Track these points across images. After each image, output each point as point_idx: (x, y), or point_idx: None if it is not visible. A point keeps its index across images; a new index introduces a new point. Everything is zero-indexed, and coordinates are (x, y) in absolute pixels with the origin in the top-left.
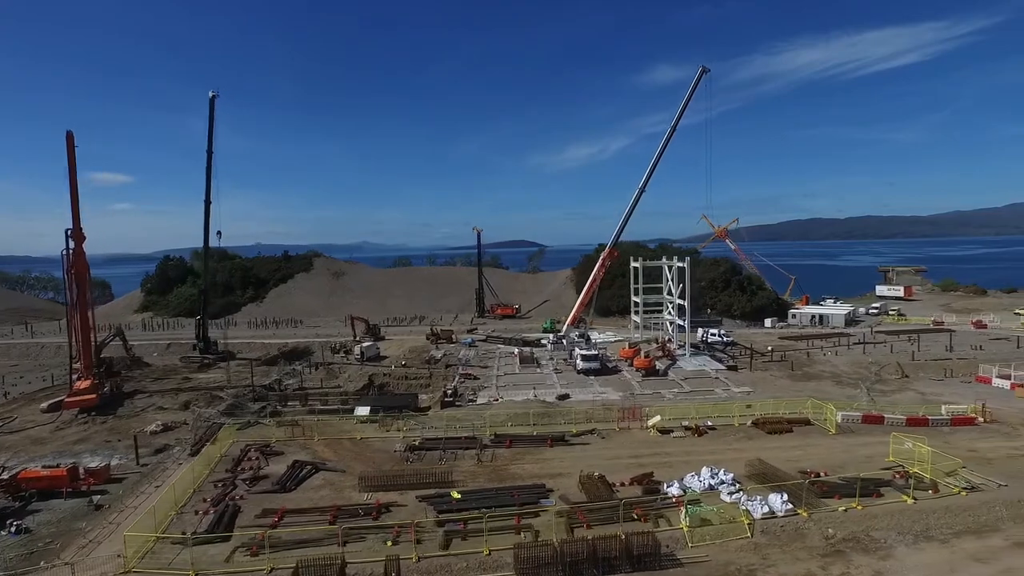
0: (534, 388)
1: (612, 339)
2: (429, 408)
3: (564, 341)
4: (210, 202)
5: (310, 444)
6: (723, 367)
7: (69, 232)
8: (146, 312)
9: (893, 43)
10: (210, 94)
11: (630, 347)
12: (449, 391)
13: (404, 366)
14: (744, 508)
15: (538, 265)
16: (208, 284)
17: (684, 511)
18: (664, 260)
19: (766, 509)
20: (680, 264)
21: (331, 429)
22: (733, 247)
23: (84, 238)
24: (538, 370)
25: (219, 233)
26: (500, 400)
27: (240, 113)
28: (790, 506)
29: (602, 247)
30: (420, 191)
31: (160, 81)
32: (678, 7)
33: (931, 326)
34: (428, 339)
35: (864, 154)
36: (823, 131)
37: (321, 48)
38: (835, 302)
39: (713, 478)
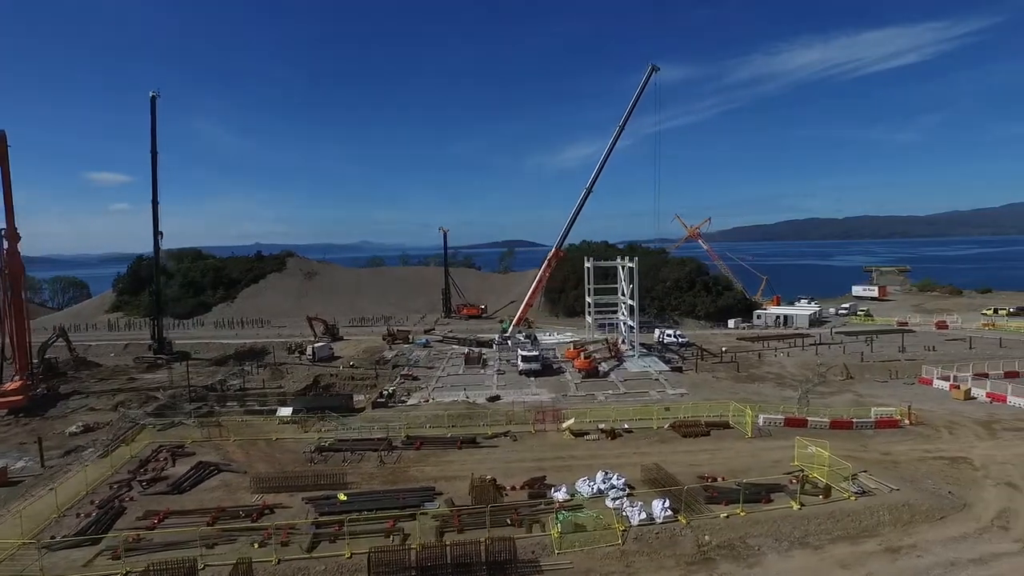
0: (465, 389)
1: (567, 340)
2: (363, 409)
3: (510, 342)
4: (157, 203)
5: (225, 445)
6: (668, 369)
7: (3, 232)
8: (117, 312)
9: (893, 43)
10: (151, 94)
11: (575, 348)
12: (386, 391)
13: (352, 367)
14: (625, 514)
15: (509, 265)
16: (160, 285)
17: (554, 517)
18: (618, 260)
19: (644, 516)
20: (630, 264)
21: (251, 430)
22: (705, 247)
23: (19, 238)
24: (482, 371)
25: (160, 234)
26: (430, 401)
27: (239, 113)
28: (670, 512)
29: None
30: (419, 191)
31: (160, 81)
32: (678, 7)
33: (895, 327)
34: (384, 339)
35: (863, 154)
36: (822, 131)
37: (321, 48)
38: (809, 302)
39: (604, 483)
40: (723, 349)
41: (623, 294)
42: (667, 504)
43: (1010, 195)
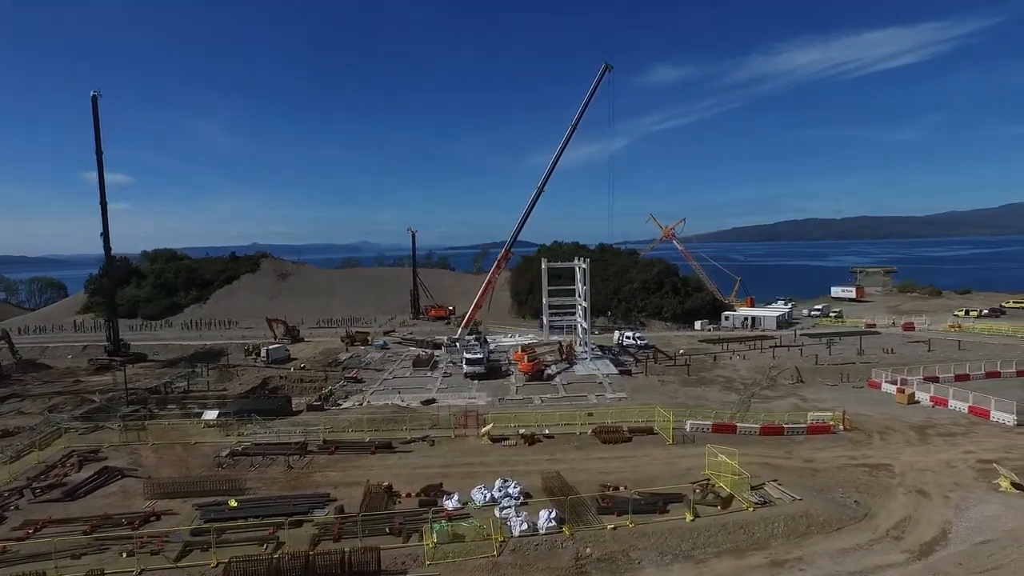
0: (399, 392)
1: (526, 342)
2: (301, 412)
3: (458, 344)
4: (106, 204)
5: (141, 449)
6: (616, 372)
7: None
8: (88, 313)
9: (892, 44)
10: (92, 93)
11: (523, 350)
12: (323, 394)
13: (303, 368)
14: (509, 524)
15: (483, 266)
16: (113, 286)
17: (429, 527)
18: (575, 261)
19: (525, 527)
20: (583, 265)
21: (174, 434)
22: (680, 248)
23: None
24: (430, 374)
25: (102, 235)
26: (364, 404)
27: (239, 113)
28: (554, 523)
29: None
30: (417, 191)
31: (160, 81)
32: (678, 7)
33: (862, 328)
34: (343, 341)
35: (862, 154)
36: (821, 131)
37: (320, 48)
38: (786, 303)
39: (500, 491)
40: (680, 351)
41: (579, 295)
42: (553, 515)
43: (1008, 195)
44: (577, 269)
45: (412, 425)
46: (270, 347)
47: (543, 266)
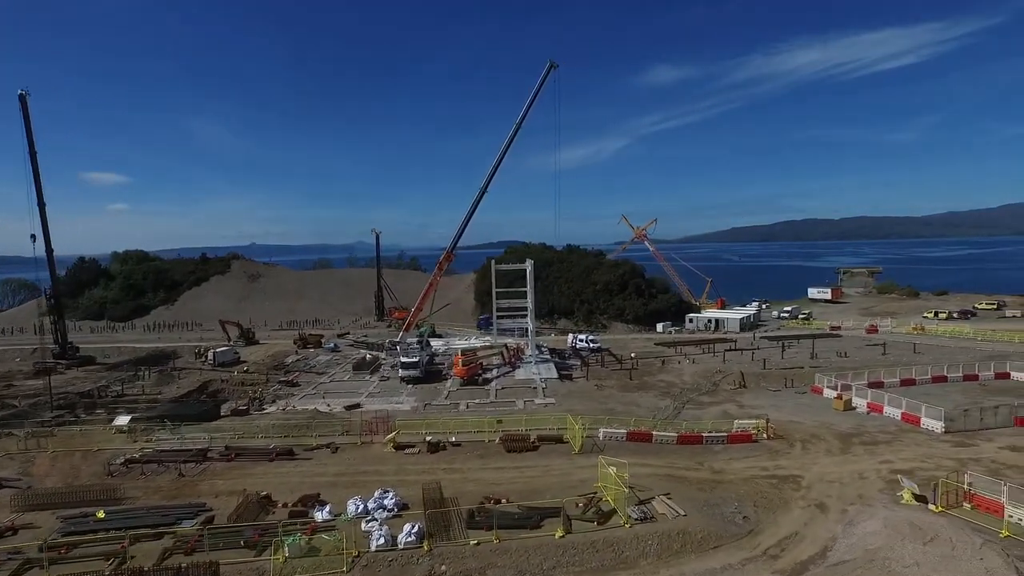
0: (324, 396)
1: (478, 345)
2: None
3: (398, 347)
4: (43, 204)
5: (38, 457)
6: (556, 376)
7: None
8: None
9: (891, 44)
10: (19, 92)
11: (462, 354)
12: (250, 398)
13: (246, 371)
14: (370, 538)
15: (451, 267)
16: (57, 288)
17: (281, 541)
18: (527, 263)
19: (382, 541)
20: (528, 267)
21: (80, 440)
22: (651, 248)
23: None
24: (369, 377)
25: (33, 237)
26: (289, 409)
27: (237, 113)
28: (413, 538)
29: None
30: (416, 191)
31: (158, 80)
32: (676, 7)
33: (827, 331)
34: (295, 343)
35: (861, 155)
36: (820, 132)
37: (320, 47)
38: (760, 305)
39: (375, 502)
40: (632, 355)
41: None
42: (415, 529)
43: (1007, 196)
44: (528, 272)
45: (324, 431)
46: (217, 350)
47: (492, 268)
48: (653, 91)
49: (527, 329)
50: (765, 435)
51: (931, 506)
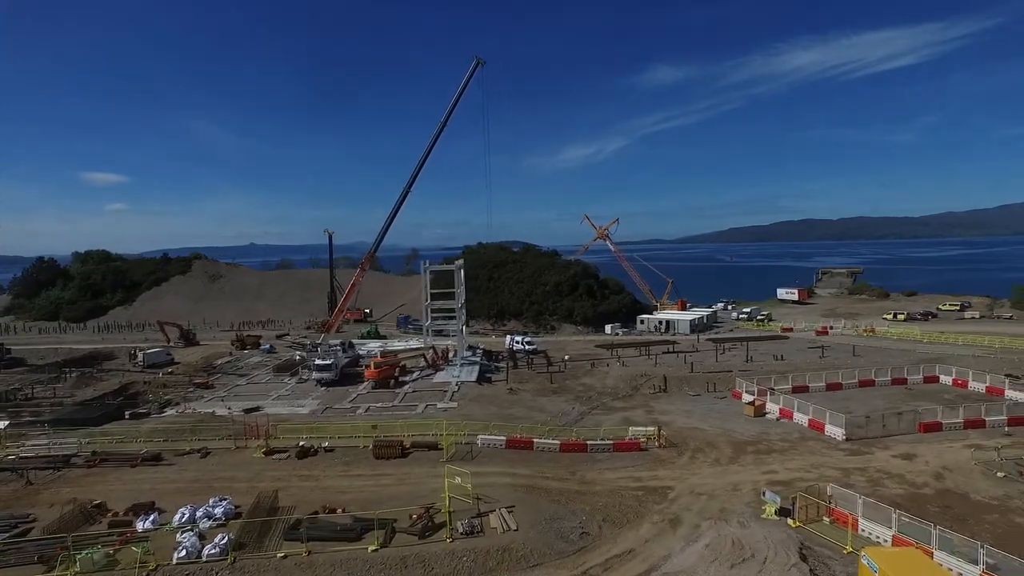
0: (224, 400)
1: (417, 346)
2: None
3: (319, 349)
4: None
5: None
6: (473, 380)
7: None
8: (8, 315)
9: (891, 45)
10: None
11: (381, 355)
12: (155, 401)
13: (170, 373)
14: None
15: (414, 267)
16: None
17: (71, 555)
18: (455, 264)
19: (184, 553)
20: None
21: None
22: (612, 248)
23: None
24: (288, 380)
25: None
26: (187, 412)
27: (236, 113)
28: (217, 551)
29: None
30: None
31: (156, 80)
32: (677, 8)
33: (779, 332)
34: (232, 344)
35: (860, 155)
36: (820, 132)
37: (319, 47)
38: (727, 305)
39: (204, 511)
40: (565, 357)
41: (456, 299)
42: (224, 540)
43: (1005, 196)
44: (454, 272)
45: (206, 435)
46: (148, 351)
47: (423, 268)
48: (653, 91)
49: (460, 330)
50: (657, 443)
51: (789, 520)
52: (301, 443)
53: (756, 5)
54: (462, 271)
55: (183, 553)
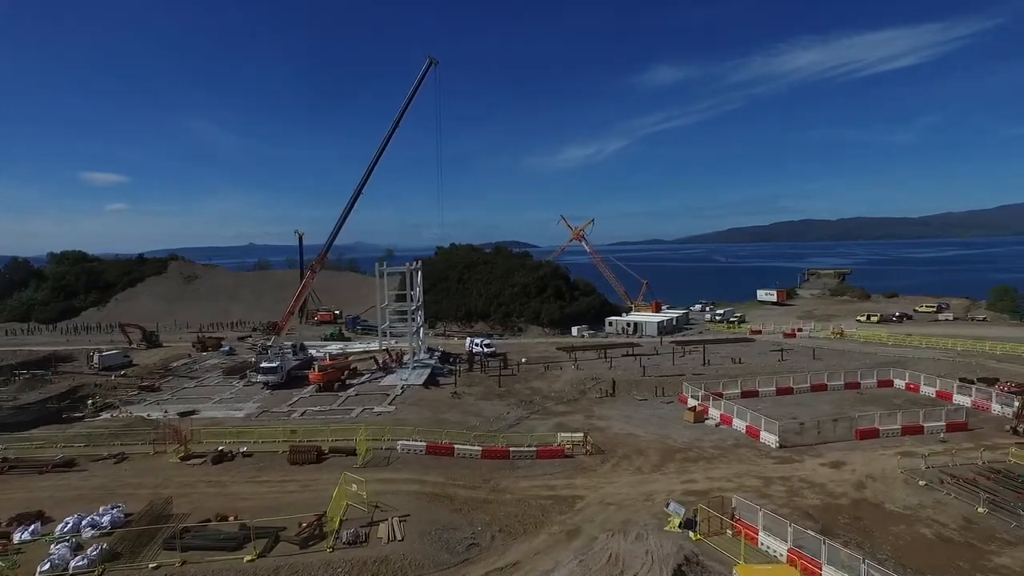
0: (159, 403)
1: (376, 349)
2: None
3: (269, 351)
4: None
5: None
6: (420, 383)
7: None
8: None
9: (892, 45)
10: None
11: (331, 358)
12: (94, 403)
13: (123, 375)
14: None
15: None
16: None
17: None
18: (406, 266)
19: (48, 566)
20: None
21: None
22: (588, 249)
23: None
24: (237, 383)
25: None
26: (122, 415)
27: (236, 113)
28: (85, 562)
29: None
30: (414, 192)
31: (156, 80)
32: (677, 8)
33: (747, 335)
34: (193, 346)
35: (859, 155)
36: (820, 132)
37: (319, 47)
38: (704, 308)
39: (90, 520)
40: (522, 360)
41: (410, 300)
42: (96, 552)
43: (1004, 197)
44: (408, 274)
45: (129, 440)
46: (103, 353)
47: (377, 271)
48: (653, 91)
49: (416, 333)
50: (584, 450)
51: (691, 534)
52: (220, 448)
53: (756, 5)
54: (419, 274)
55: (47, 566)
